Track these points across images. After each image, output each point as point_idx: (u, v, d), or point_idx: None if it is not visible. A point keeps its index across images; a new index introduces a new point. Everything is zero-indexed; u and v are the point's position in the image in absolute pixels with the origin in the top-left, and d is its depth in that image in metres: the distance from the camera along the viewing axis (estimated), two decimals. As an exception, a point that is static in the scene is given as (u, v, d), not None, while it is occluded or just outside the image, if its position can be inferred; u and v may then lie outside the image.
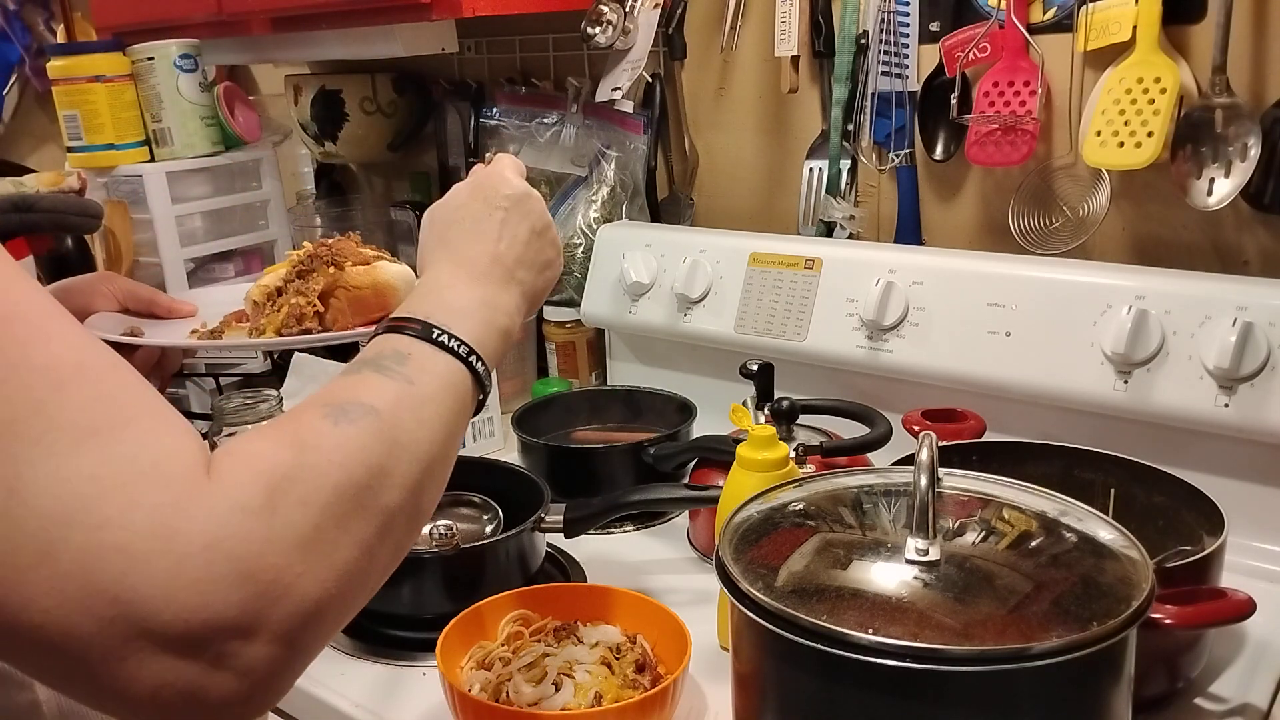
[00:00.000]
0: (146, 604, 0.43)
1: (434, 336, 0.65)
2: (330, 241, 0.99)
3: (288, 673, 0.48)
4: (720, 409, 1.06)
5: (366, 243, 1.03)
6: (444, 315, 0.66)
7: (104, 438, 0.44)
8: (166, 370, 1.01)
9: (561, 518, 0.99)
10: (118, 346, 0.92)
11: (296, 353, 1.47)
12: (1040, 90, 1.11)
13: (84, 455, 0.43)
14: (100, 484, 0.43)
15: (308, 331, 0.94)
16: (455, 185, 0.80)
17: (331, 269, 0.95)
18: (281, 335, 0.94)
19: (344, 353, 1.25)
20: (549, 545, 1.04)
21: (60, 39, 2.20)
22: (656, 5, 1.32)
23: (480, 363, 0.66)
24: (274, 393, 1.23)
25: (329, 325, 0.95)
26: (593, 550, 1.09)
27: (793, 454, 0.89)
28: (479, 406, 0.69)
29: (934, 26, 1.20)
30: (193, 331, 0.99)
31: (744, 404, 1.03)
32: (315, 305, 0.94)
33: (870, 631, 0.58)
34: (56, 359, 0.46)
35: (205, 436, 1.26)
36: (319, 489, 0.50)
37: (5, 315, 0.45)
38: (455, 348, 0.65)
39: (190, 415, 1.43)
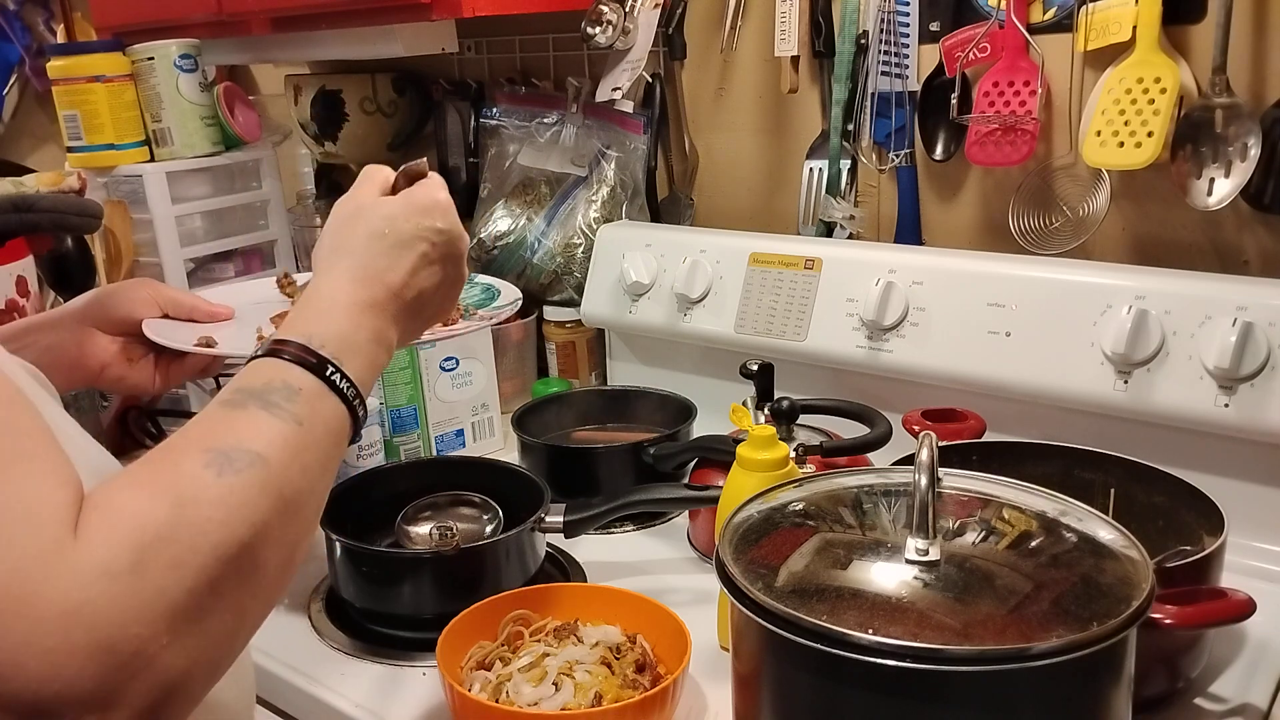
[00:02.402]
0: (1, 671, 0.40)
1: (327, 374, 0.60)
2: None
3: None
4: (720, 409, 1.06)
5: None
6: (337, 347, 0.62)
7: None
8: (209, 374, 1.01)
9: (561, 518, 0.99)
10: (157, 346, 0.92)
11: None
12: (1040, 90, 1.11)
13: None
14: None
15: None
16: (388, 197, 0.74)
17: None
18: None
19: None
20: (549, 545, 1.03)
21: (60, 39, 2.20)
22: (656, 5, 1.32)
23: (361, 407, 0.62)
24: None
25: None
26: (593, 550, 1.09)
27: (793, 454, 0.89)
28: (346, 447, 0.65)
29: (934, 26, 1.20)
30: (260, 338, 0.97)
31: (744, 404, 1.03)
32: None
33: (870, 631, 0.58)
34: None
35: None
36: (195, 551, 0.46)
37: None
38: (345, 390, 0.61)
39: (191, 415, 1.43)
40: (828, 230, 1.31)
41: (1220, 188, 1.01)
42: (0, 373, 0.48)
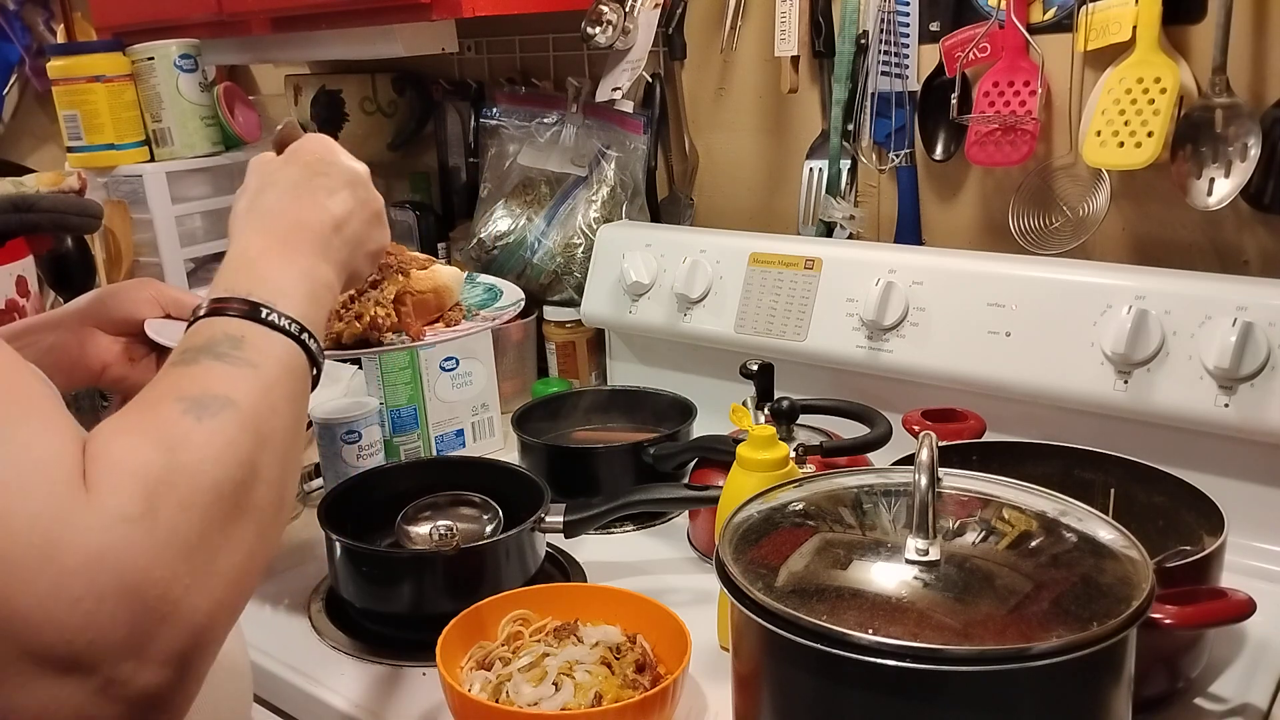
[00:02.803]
0: (27, 621, 0.41)
1: (263, 316, 0.61)
2: (392, 249, 0.99)
3: (180, 698, 0.46)
4: (720, 409, 1.06)
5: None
6: (265, 291, 0.62)
7: None
8: None
9: (561, 518, 0.99)
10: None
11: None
12: (1040, 90, 1.11)
13: None
14: None
15: (376, 340, 0.94)
16: (263, 154, 0.76)
17: (400, 276, 0.96)
18: (358, 342, 0.94)
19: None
20: (549, 545, 1.03)
21: (60, 39, 2.20)
22: (656, 5, 1.32)
23: (312, 339, 0.63)
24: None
25: (401, 329, 0.95)
26: (593, 550, 1.09)
27: (793, 454, 0.89)
28: (314, 384, 0.66)
29: (934, 26, 1.20)
30: None
31: (744, 404, 1.03)
32: (393, 314, 0.94)
33: (870, 631, 0.58)
34: None
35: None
36: (197, 490, 0.48)
37: None
38: (287, 326, 0.61)
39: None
40: (828, 230, 1.31)
41: (1220, 188, 1.01)
42: (0, 343, 0.48)
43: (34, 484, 0.43)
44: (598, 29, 1.29)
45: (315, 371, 0.64)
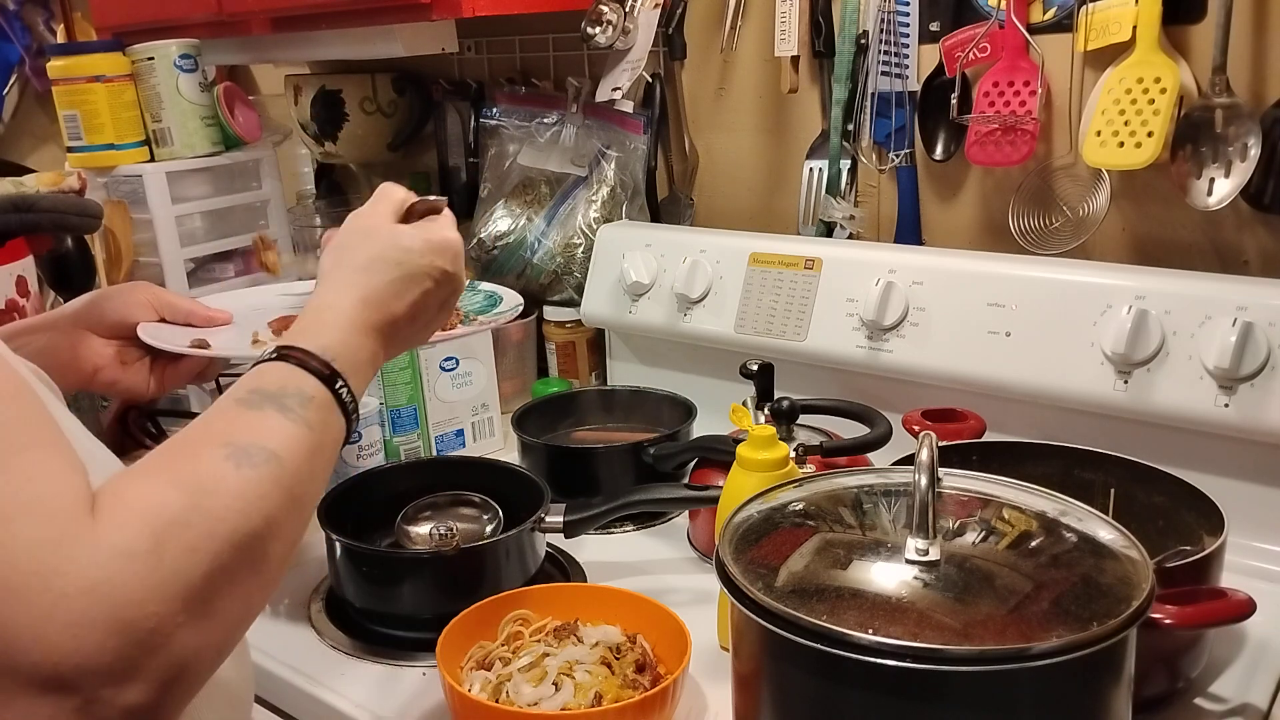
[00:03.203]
0: (16, 641, 0.42)
1: (337, 387, 0.63)
2: None
3: (161, 717, 0.46)
4: (720, 409, 1.06)
5: None
6: (345, 362, 0.64)
7: None
8: (206, 378, 1.02)
9: (561, 518, 0.99)
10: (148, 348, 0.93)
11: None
12: (1040, 90, 1.11)
13: None
14: None
15: None
16: (404, 226, 0.76)
17: None
18: None
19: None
20: (549, 545, 1.03)
21: (60, 39, 2.20)
22: (656, 5, 1.32)
23: (356, 420, 0.65)
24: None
25: None
26: (593, 550, 1.09)
27: (793, 454, 0.89)
28: None
29: (934, 26, 1.20)
30: (255, 342, 0.97)
31: (744, 404, 1.03)
32: None
33: (870, 631, 0.58)
34: None
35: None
36: (211, 536, 0.48)
37: None
38: (348, 403, 0.64)
39: (191, 415, 1.43)
40: (828, 230, 1.31)
41: (1220, 188, 1.01)
42: (7, 364, 0.49)
43: (35, 512, 0.44)
44: (598, 29, 1.29)
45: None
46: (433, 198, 0.80)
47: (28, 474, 0.45)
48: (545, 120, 1.49)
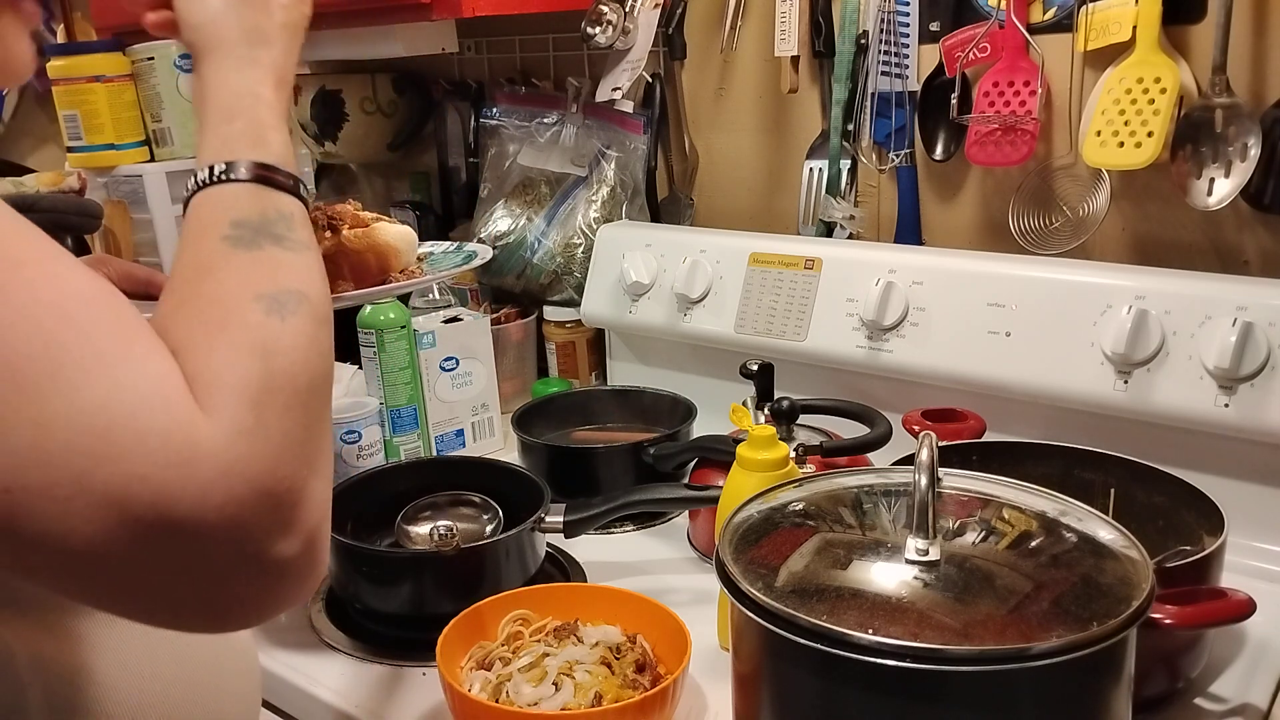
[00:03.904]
0: (185, 529, 0.45)
1: (301, 192, 0.61)
2: (324, 205, 0.94)
3: (314, 569, 0.51)
4: (720, 409, 1.06)
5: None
6: (285, 152, 0.61)
7: (109, 365, 0.45)
8: None
9: (561, 518, 0.99)
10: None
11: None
12: (1040, 90, 1.11)
13: (95, 386, 0.45)
14: (110, 414, 0.44)
15: None
16: None
17: (329, 234, 0.90)
18: None
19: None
20: (549, 545, 1.03)
21: (60, 39, 2.20)
22: (656, 5, 1.32)
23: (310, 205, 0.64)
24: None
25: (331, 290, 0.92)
26: (593, 550, 1.09)
27: (793, 454, 0.89)
28: None
29: (934, 26, 1.20)
30: None
31: (744, 404, 1.03)
32: None
33: (870, 631, 0.58)
34: (62, 295, 0.46)
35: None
36: (297, 392, 0.51)
37: (14, 260, 0.46)
38: (307, 198, 0.62)
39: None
40: (828, 230, 1.31)
41: (1220, 188, 1.01)
42: (96, 273, 0.50)
43: (156, 405, 0.46)
44: (598, 29, 1.29)
45: None
46: None
47: (142, 366, 0.46)
48: (545, 120, 1.49)
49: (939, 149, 1.22)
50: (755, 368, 1.06)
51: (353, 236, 0.91)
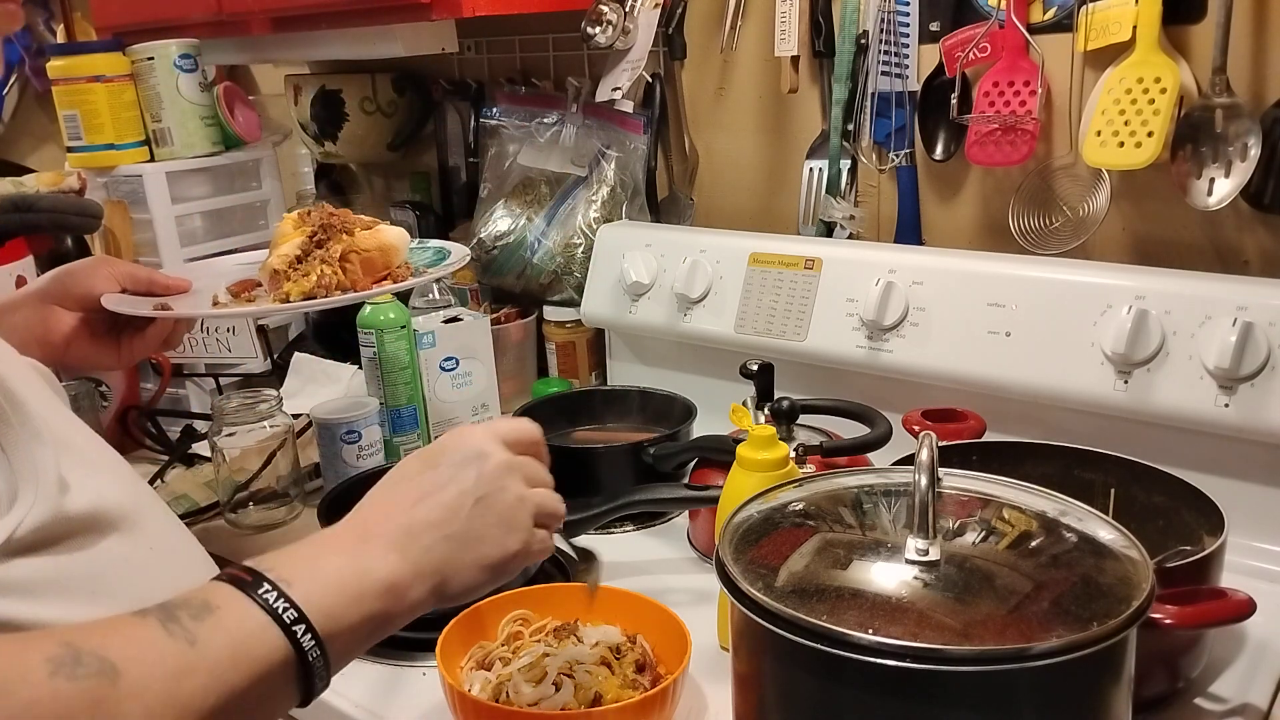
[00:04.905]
0: None
1: (259, 592, 0.53)
2: (335, 211, 1.04)
3: None
4: (720, 409, 1.06)
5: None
6: (290, 570, 0.55)
7: None
8: (172, 343, 1.04)
9: (561, 518, 0.99)
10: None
11: (296, 353, 1.48)
12: (1040, 90, 1.11)
13: None
14: None
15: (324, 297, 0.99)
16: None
17: (345, 236, 0.99)
18: (313, 298, 0.98)
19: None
20: (549, 545, 1.03)
21: (60, 39, 2.20)
22: (656, 5, 1.32)
23: (311, 637, 0.54)
24: (273, 393, 1.23)
25: (348, 288, 0.99)
26: (593, 550, 1.09)
27: (793, 454, 0.89)
28: (305, 697, 0.56)
29: (934, 26, 1.20)
30: (215, 304, 1.03)
31: (744, 404, 1.03)
32: (339, 272, 0.98)
33: (870, 631, 0.58)
34: None
35: (205, 436, 1.26)
36: None
37: None
38: (279, 610, 0.53)
39: (190, 415, 1.43)
40: (828, 230, 1.31)
41: (1220, 188, 1.01)
42: None
43: None
44: (598, 29, 1.29)
45: (305, 677, 0.55)
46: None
47: None
48: (545, 120, 1.49)
49: (939, 149, 1.22)
50: (755, 368, 1.06)
51: (365, 237, 1.00)
